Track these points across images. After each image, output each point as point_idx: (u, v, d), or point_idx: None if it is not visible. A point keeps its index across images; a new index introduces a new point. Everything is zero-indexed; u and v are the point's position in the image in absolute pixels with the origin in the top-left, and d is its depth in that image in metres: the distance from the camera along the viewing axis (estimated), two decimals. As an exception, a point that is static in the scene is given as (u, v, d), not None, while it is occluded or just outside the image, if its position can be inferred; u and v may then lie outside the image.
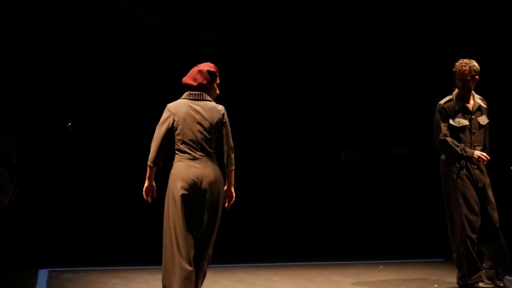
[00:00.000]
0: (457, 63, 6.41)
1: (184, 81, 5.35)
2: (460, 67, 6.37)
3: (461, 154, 6.30)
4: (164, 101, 5.52)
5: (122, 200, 10.28)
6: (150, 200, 5.33)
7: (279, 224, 10.19)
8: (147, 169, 5.29)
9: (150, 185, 5.31)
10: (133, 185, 10.19)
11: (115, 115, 10.70)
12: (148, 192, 5.32)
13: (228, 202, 5.34)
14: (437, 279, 6.94)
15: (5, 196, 9.58)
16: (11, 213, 9.59)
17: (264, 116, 11.13)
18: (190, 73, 5.36)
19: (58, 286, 6.57)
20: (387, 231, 9.89)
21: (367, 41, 11.20)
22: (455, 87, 6.46)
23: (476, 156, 6.26)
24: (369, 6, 11.04)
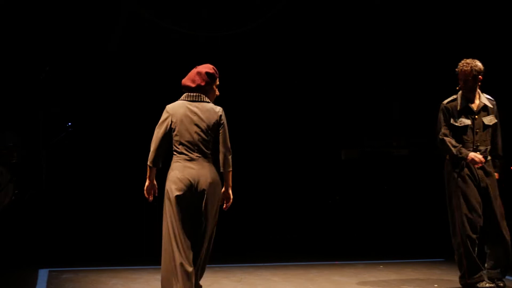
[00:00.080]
0: (460, 63, 6.40)
1: (183, 82, 5.38)
2: (462, 67, 6.37)
3: (456, 155, 6.32)
4: (164, 101, 5.53)
5: (122, 200, 10.30)
6: (151, 199, 5.38)
7: (279, 224, 10.19)
8: (147, 169, 5.33)
9: (151, 184, 5.36)
10: (133, 185, 10.24)
11: (115, 115, 10.71)
12: (149, 190, 5.37)
13: (226, 204, 5.36)
14: (437, 279, 6.93)
15: (5, 196, 9.59)
16: (11, 213, 9.59)
17: (263, 116, 11.13)
18: (189, 74, 5.38)
19: (58, 286, 6.57)
20: (387, 231, 9.89)
21: (367, 41, 11.20)
22: (458, 87, 6.45)
23: (470, 157, 6.27)
24: (370, 6, 11.04)
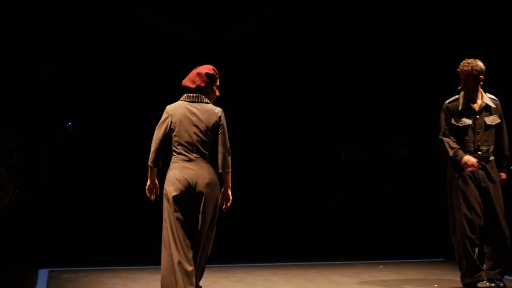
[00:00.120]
0: (461, 63, 6.40)
1: (183, 83, 5.39)
2: (462, 67, 6.37)
3: (451, 157, 6.33)
4: (164, 102, 5.54)
5: (122, 200, 10.29)
6: (153, 198, 5.40)
7: (279, 224, 10.19)
8: (148, 169, 5.35)
9: (153, 184, 5.39)
10: (133, 185, 10.24)
11: (115, 115, 10.71)
12: (151, 190, 5.40)
13: (225, 205, 5.36)
14: (437, 279, 6.94)
15: (5, 196, 9.59)
16: (11, 213, 9.59)
17: (263, 116, 11.13)
18: (189, 75, 5.39)
19: (58, 286, 6.57)
20: (387, 231, 9.89)
21: (367, 41, 11.20)
22: (459, 87, 6.45)
23: (463, 161, 6.26)
24: (370, 6, 11.04)
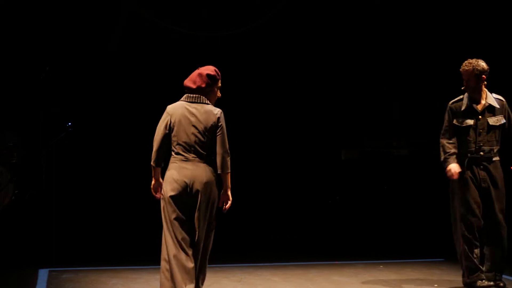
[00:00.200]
0: (464, 63, 6.40)
1: (184, 83, 5.41)
2: (464, 67, 6.37)
3: (441, 161, 6.38)
4: (164, 101, 5.54)
5: (122, 200, 10.30)
6: (158, 196, 5.41)
7: (279, 224, 10.19)
8: (152, 168, 5.38)
9: (157, 182, 5.41)
10: (133, 185, 10.25)
11: (115, 115, 10.71)
12: (156, 189, 5.42)
13: (225, 205, 5.36)
14: (437, 279, 6.94)
15: (5, 196, 9.59)
16: (11, 213, 9.59)
17: (264, 116, 11.13)
18: (191, 75, 5.41)
19: (58, 286, 6.57)
20: (387, 231, 9.89)
21: (367, 41, 11.20)
22: (462, 87, 6.45)
23: (447, 169, 6.30)
24: (370, 6, 11.04)
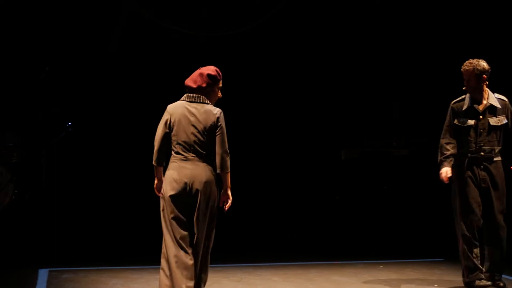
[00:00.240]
0: (464, 63, 6.40)
1: (185, 83, 5.42)
2: (464, 67, 6.38)
3: (438, 163, 6.42)
4: (164, 101, 5.55)
5: (122, 200, 10.30)
6: (162, 195, 5.41)
7: (279, 224, 10.19)
8: (154, 168, 5.40)
9: (160, 182, 5.43)
10: (133, 185, 10.26)
11: (115, 115, 10.71)
12: (159, 188, 5.44)
13: (225, 205, 5.37)
14: (437, 279, 6.94)
15: (5, 196, 9.59)
16: (11, 213, 9.59)
17: (263, 116, 11.13)
18: (192, 75, 5.42)
19: (58, 286, 6.57)
20: (387, 231, 9.89)
21: (367, 41, 11.20)
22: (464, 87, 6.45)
23: (440, 172, 6.35)
24: (370, 6, 11.04)
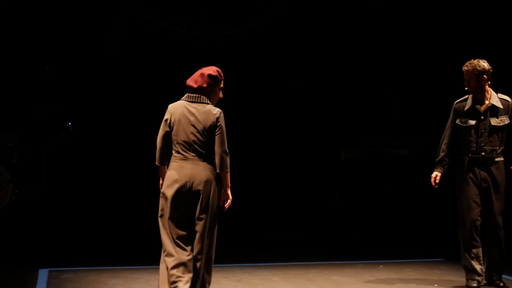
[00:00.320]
0: (465, 63, 6.40)
1: (187, 82, 5.44)
2: (464, 67, 6.38)
3: (435, 163, 6.48)
4: (164, 101, 5.55)
5: (122, 200, 10.30)
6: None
7: (279, 224, 10.19)
8: (157, 168, 5.43)
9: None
10: (133, 185, 10.26)
11: (115, 115, 10.71)
12: None
13: (225, 204, 5.38)
14: (437, 279, 6.94)
15: (5, 196, 9.59)
16: (11, 213, 9.59)
17: (263, 116, 11.13)
18: (194, 75, 5.44)
19: (58, 286, 6.57)
20: (387, 231, 9.89)
21: (367, 41, 11.20)
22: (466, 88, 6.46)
23: (431, 176, 6.43)
24: (370, 6, 11.04)
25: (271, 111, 11.15)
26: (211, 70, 5.41)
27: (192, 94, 5.35)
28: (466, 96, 6.47)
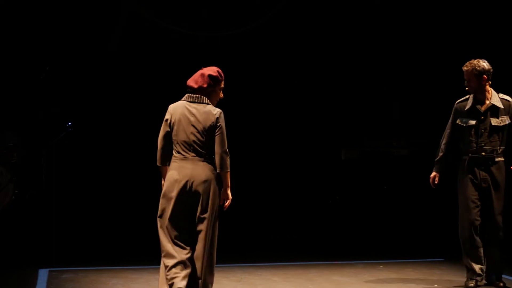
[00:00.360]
0: (465, 63, 6.40)
1: (187, 83, 5.44)
2: (464, 67, 6.38)
3: (434, 163, 6.52)
4: (164, 101, 5.55)
5: (122, 200, 10.30)
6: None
7: (279, 224, 10.19)
8: (159, 168, 5.43)
9: None
10: (133, 185, 10.25)
11: (115, 115, 10.71)
12: None
13: (225, 204, 5.38)
14: (437, 279, 6.94)
15: (5, 196, 9.59)
16: (11, 213, 9.59)
17: (263, 116, 11.13)
18: (194, 75, 5.44)
19: (58, 286, 6.57)
20: (387, 231, 9.89)
21: (367, 41, 11.20)
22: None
23: (431, 175, 6.46)
24: (370, 6, 11.04)
25: (271, 111, 11.15)
26: (212, 70, 5.41)
27: (192, 95, 5.35)
28: (467, 96, 6.47)
